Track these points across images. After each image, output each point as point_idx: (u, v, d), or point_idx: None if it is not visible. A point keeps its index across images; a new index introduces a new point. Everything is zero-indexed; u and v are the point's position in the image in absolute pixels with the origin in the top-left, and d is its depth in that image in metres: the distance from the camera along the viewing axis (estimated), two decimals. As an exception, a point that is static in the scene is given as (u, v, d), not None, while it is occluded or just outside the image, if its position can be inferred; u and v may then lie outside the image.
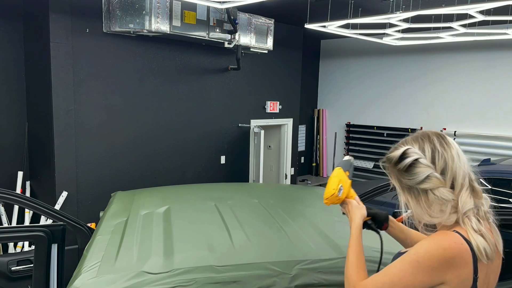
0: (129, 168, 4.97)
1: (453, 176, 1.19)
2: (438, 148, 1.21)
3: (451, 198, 1.19)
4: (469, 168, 1.22)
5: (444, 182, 1.19)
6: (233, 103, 6.07)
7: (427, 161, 1.21)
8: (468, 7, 3.61)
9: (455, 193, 1.19)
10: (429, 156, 1.21)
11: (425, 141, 1.24)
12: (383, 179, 6.96)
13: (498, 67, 6.42)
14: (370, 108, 7.96)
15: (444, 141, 1.23)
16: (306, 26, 4.81)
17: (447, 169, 1.19)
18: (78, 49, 4.39)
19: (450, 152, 1.21)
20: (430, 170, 1.20)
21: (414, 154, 1.22)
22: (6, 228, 2.09)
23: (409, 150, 1.24)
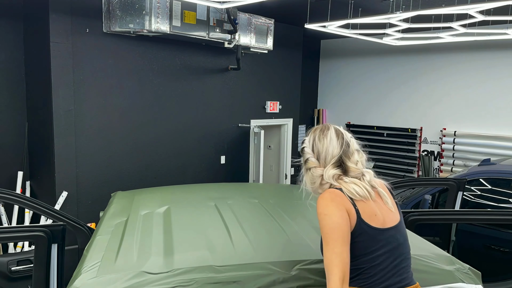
0: (129, 168, 4.97)
1: (323, 158, 1.66)
2: (316, 139, 1.68)
3: (319, 174, 1.65)
4: (339, 151, 1.65)
5: (318, 163, 1.67)
6: (233, 103, 6.07)
7: (309, 149, 1.69)
8: (468, 7, 3.61)
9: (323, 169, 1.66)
10: (309, 145, 1.70)
11: (311, 133, 1.73)
12: (383, 179, 6.95)
13: (498, 67, 6.42)
14: (370, 108, 7.96)
15: (323, 133, 1.68)
16: (306, 26, 4.81)
17: (320, 154, 1.66)
18: (78, 49, 4.39)
19: (323, 141, 1.66)
20: (308, 155, 1.69)
21: (304, 143, 1.73)
22: (6, 228, 2.09)
23: (305, 140, 1.74)
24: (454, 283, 1.77)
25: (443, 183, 3.84)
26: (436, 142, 7.15)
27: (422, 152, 7.32)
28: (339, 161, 1.65)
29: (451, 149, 6.90)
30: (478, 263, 2.56)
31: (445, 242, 3.45)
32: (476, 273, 1.88)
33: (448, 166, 6.97)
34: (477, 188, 4.07)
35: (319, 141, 1.67)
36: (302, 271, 1.67)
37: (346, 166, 1.65)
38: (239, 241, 1.88)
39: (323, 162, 1.66)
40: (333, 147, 1.65)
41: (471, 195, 4.08)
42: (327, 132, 1.67)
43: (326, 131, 1.68)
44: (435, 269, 1.80)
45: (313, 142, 1.68)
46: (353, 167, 1.65)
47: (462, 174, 4.20)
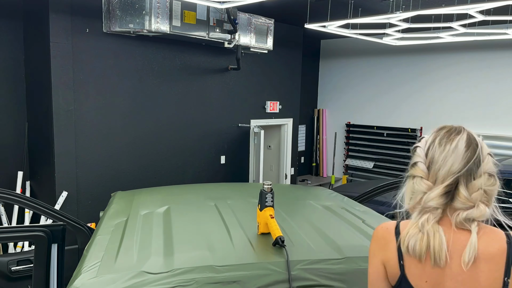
0: (129, 168, 4.97)
1: (436, 172, 1.19)
2: (436, 141, 1.23)
3: (423, 190, 1.19)
4: (461, 169, 1.18)
5: (427, 174, 1.21)
6: (233, 103, 6.07)
7: (422, 151, 1.24)
8: (468, 7, 3.61)
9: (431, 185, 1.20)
10: (424, 147, 1.24)
11: (434, 132, 1.28)
12: (383, 179, 6.96)
13: (498, 67, 6.42)
14: (370, 108, 7.96)
15: (450, 136, 1.23)
16: (306, 26, 4.81)
17: (432, 164, 1.20)
18: (78, 49, 4.39)
19: (444, 149, 1.20)
20: (418, 159, 1.24)
21: (419, 142, 1.28)
22: (6, 228, 2.09)
23: (422, 138, 1.30)
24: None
25: (443, 183, 3.83)
26: (436, 142, 7.15)
27: (422, 152, 7.31)
28: (455, 182, 1.18)
29: (451, 149, 6.89)
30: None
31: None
32: None
33: (448, 166, 6.96)
34: (477, 188, 4.07)
35: (439, 146, 1.22)
36: (302, 271, 1.67)
37: (456, 191, 1.17)
38: (239, 241, 1.88)
39: (433, 177, 1.20)
40: (454, 160, 1.19)
41: (471, 195, 4.07)
42: (456, 137, 1.24)
43: (454, 135, 1.24)
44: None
45: (431, 144, 1.23)
46: (463, 196, 1.16)
47: (462, 174, 4.19)
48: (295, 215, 2.34)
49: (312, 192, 2.94)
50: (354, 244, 1.93)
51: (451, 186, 1.17)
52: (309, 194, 2.88)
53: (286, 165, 7.12)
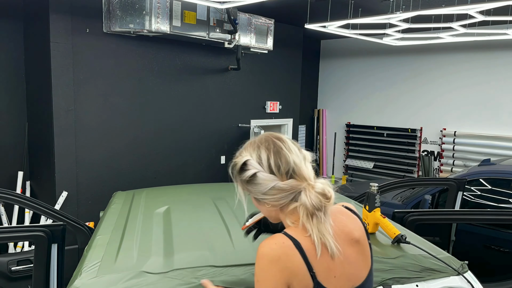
0: (129, 168, 4.97)
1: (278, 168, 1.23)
2: (272, 154, 1.24)
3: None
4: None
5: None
6: (233, 103, 6.07)
7: (267, 173, 1.23)
8: (468, 7, 3.61)
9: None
10: (266, 164, 1.24)
11: (261, 147, 1.27)
12: (383, 179, 6.97)
13: (498, 67, 6.42)
14: (370, 108, 7.96)
15: (283, 145, 1.26)
16: (306, 26, 4.81)
17: (294, 173, 1.23)
18: (78, 49, 4.39)
19: (290, 156, 1.24)
20: (272, 182, 1.22)
21: (252, 167, 1.25)
22: (6, 228, 2.09)
23: (249, 161, 1.26)
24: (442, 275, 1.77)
25: (443, 183, 3.84)
26: (436, 142, 7.16)
27: (422, 152, 7.32)
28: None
29: (451, 149, 6.90)
30: (478, 263, 2.56)
31: (445, 242, 3.45)
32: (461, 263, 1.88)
33: (448, 166, 6.97)
34: (477, 188, 4.08)
35: (282, 156, 1.27)
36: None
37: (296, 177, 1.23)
38: (239, 241, 1.88)
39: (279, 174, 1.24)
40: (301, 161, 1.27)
41: (471, 195, 4.08)
42: (285, 143, 1.30)
43: (284, 142, 1.30)
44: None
45: (270, 159, 1.27)
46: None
47: (462, 174, 4.20)
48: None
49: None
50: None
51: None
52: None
53: (286, 165, 7.10)
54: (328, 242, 1.17)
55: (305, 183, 1.23)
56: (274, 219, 1.32)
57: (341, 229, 1.26)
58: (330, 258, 1.19)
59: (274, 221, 1.33)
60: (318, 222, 1.18)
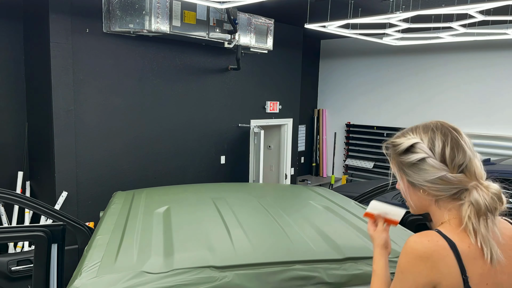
0: (129, 168, 4.97)
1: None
2: (449, 143, 1.17)
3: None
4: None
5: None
6: (233, 103, 6.07)
7: (437, 161, 1.17)
8: (468, 7, 3.61)
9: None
10: (439, 152, 1.17)
11: (437, 134, 1.19)
12: (383, 179, 6.96)
13: (498, 67, 6.42)
14: (370, 108, 7.96)
15: (460, 137, 1.19)
16: (306, 26, 4.81)
17: (466, 168, 1.16)
18: (78, 49, 4.39)
19: (464, 149, 1.17)
20: (440, 172, 1.16)
21: (421, 151, 1.19)
22: (6, 228, 2.09)
23: (419, 144, 1.20)
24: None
25: (443, 183, 3.83)
26: (436, 142, 7.15)
27: (422, 152, 7.31)
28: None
29: (451, 149, 6.89)
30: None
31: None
32: None
33: (448, 166, 6.96)
34: (477, 188, 4.07)
35: (460, 148, 1.20)
36: (302, 271, 1.67)
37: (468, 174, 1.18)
38: (239, 241, 1.88)
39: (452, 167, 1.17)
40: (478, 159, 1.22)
41: (471, 195, 4.07)
42: (462, 135, 1.23)
43: (460, 134, 1.23)
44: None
45: (445, 147, 1.20)
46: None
47: (462, 174, 4.20)
48: (295, 215, 2.34)
49: (312, 192, 2.94)
50: (354, 244, 1.93)
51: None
52: (309, 194, 2.88)
53: (286, 165, 7.11)
54: (493, 247, 1.10)
55: (475, 182, 1.16)
56: (420, 209, 1.25)
57: (502, 236, 1.17)
58: (485, 264, 1.12)
59: (418, 211, 1.26)
60: (485, 224, 1.11)
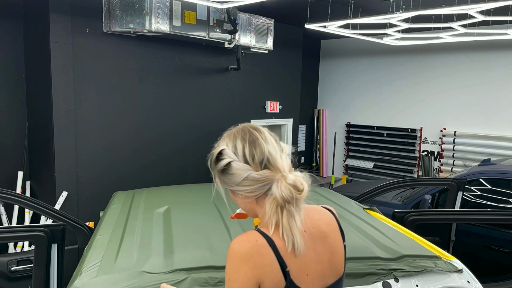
0: (129, 168, 4.97)
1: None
2: (248, 144, 1.21)
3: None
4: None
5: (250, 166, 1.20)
6: (233, 103, 6.07)
7: (242, 162, 1.20)
8: (468, 7, 3.61)
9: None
10: (241, 154, 1.21)
11: (238, 137, 1.24)
12: (383, 179, 6.96)
13: (498, 67, 6.42)
14: (370, 108, 7.96)
15: (259, 135, 1.23)
16: (306, 26, 4.81)
17: (269, 163, 1.18)
18: (78, 49, 4.39)
19: (266, 147, 1.20)
20: (245, 172, 1.19)
21: (227, 156, 1.22)
22: (6, 228, 2.09)
23: (224, 151, 1.24)
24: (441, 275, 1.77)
25: (443, 183, 3.84)
26: (436, 142, 7.15)
27: (422, 152, 7.32)
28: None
29: (451, 149, 6.90)
30: (478, 263, 2.56)
31: (445, 242, 3.45)
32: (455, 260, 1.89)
33: (448, 166, 6.97)
34: (477, 188, 4.08)
35: (258, 146, 1.24)
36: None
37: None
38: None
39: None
40: (284, 153, 1.26)
41: (471, 195, 4.08)
42: (263, 133, 1.27)
43: (261, 133, 1.27)
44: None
45: (245, 148, 1.25)
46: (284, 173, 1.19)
47: (462, 174, 4.20)
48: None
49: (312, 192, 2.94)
50: (354, 244, 1.93)
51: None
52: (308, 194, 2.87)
53: (286, 165, 7.10)
54: (296, 238, 1.13)
55: (279, 175, 1.18)
56: (250, 212, 1.27)
57: (313, 225, 1.23)
58: (304, 256, 1.16)
59: (251, 215, 1.29)
60: (287, 215, 1.14)
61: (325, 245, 1.24)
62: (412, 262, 1.77)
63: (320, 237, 1.23)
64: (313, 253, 1.20)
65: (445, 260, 1.84)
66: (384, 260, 1.77)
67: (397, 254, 1.82)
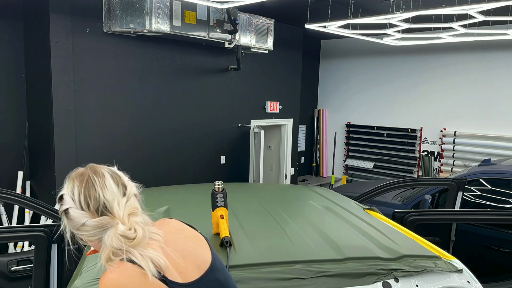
0: (129, 168, 4.93)
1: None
2: (83, 190, 1.22)
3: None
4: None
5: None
6: (233, 103, 6.07)
7: (78, 209, 1.20)
8: (468, 7, 3.61)
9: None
10: (78, 200, 1.21)
11: (76, 182, 1.25)
12: (383, 179, 6.96)
13: (498, 67, 6.42)
14: (370, 108, 7.96)
15: (98, 180, 1.25)
16: (306, 26, 4.81)
17: (106, 210, 1.20)
18: (78, 49, 4.39)
19: (101, 193, 1.21)
20: (82, 219, 1.19)
21: (66, 202, 1.23)
22: (6, 228, 2.09)
23: (64, 196, 1.25)
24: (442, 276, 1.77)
25: (443, 183, 3.84)
26: (436, 143, 7.16)
27: (422, 152, 7.32)
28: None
29: (451, 149, 6.90)
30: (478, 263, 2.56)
31: (445, 242, 3.45)
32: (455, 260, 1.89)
33: (448, 166, 6.97)
34: (477, 188, 4.08)
35: (94, 191, 1.24)
36: (301, 271, 1.66)
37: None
38: (239, 241, 1.88)
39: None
40: (115, 196, 1.28)
41: (471, 195, 4.08)
42: (100, 177, 1.30)
43: (98, 177, 1.30)
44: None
45: (81, 194, 1.24)
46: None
47: (462, 174, 4.20)
48: (295, 215, 2.34)
49: (312, 192, 2.94)
50: (354, 244, 1.93)
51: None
52: (309, 194, 2.87)
53: (286, 165, 7.11)
54: (152, 260, 1.16)
55: (115, 221, 1.19)
56: (100, 251, 1.25)
57: (169, 230, 1.30)
58: (169, 259, 1.20)
59: (99, 252, 1.27)
60: (132, 255, 1.15)
61: (186, 239, 1.32)
62: (412, 262, 1.77)
63: (178, 234, 1.32)
64: (177, 253, 1.24)
65: (445, 260, 1.84)
66: (384, 260, 1.77)
67: (397, 254, 1.82)
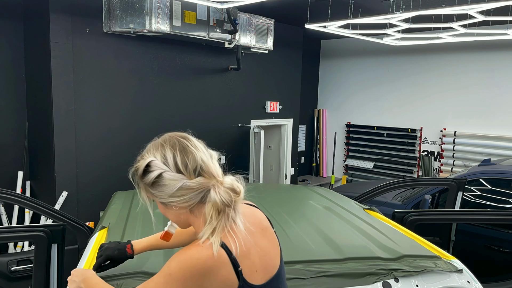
0: (129, 168, 4.96)
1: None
2: (178, 152, 1.20)
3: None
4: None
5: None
6: (233, 103, 6.07)
7: (174, 172, 1.18)
8: (468, 7, 3.61)
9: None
10: (173, 163, 1.18)
11: (166, 147, 1.24)
12: (383, 179, 6.96)
13: (498, 67, 6.42)
14: (370, 108, 7.96)
15: (188, 143, 1.24)
16: (306, 26, 4.81)
17: (202, 170, 1.18)
18: (79, 49, 4.39)
19: (198, 154, 1.20)
20: (179, 182, 1.16)
21: (157, 167, 1.19)
22: (6, 228, 2.09)
23: (153, 162, 1.22)
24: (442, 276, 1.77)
25: (443, 183, 3.84)
26: (436, 143, 7.16)
27: (422, 152, 7.32)
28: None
29: (451, 149, 6.90)
30: (478, 263, 2.56)
31: (445, 242, 3.45)
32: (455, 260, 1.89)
33: (448, 166, 6.97)
34: (477, 188, 4.08)
35: (190, 154, 1.24)
36: (301, 271, 1.66)
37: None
38: (239, 241, 1.87)
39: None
40: (214, 162, 1.25)
41: (471, 195, 4.08)
42: (192, 141, 1.32)
43: (189, 140, 1.32)
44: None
45: (176, 157, 1.24)
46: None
47: (462, 174, 4.21)
48: (296, 215, 2.34)
49: (312, 192, 2.94)
50: (354, 244, 1.93)
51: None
52: (309, 194, 2.87)
53: (286, 165, 7.11)
54: (240, 239, 1.14)
55: (214, 180, 1.18)
56: (183, 224, 1.25)
57: (253, 222, 1.25)
58: (250, 254, 1.18)
59: (183, 226, 1.27)
60: (226, 219, 1.14)
61: (265, 239, 1.27)
62: (412, 262, 1.77)
63: (260, 231, 1.26)
64: (258, 249, 1.22)
65: (445, 260, 1.84)
66: (384, 260, 1.77)
67: (397, 254, 1.82)
